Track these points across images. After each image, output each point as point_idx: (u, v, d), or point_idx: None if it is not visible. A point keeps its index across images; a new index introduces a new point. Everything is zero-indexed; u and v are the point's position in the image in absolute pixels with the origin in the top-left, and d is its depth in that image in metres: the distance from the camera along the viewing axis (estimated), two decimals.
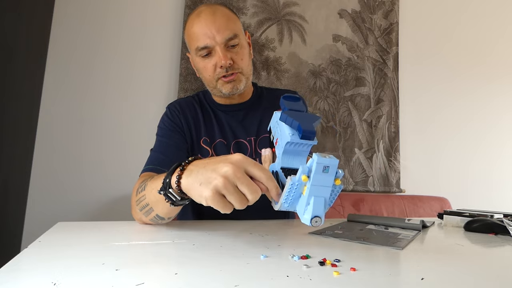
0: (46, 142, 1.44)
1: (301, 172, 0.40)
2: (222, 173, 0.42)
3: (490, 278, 0.35)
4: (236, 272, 0.34)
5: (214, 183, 0.42)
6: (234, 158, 0.43)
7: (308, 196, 0.40)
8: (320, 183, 0.40)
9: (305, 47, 1.85)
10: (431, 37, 2.14)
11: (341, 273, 0.34)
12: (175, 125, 0.82)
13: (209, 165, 0.44)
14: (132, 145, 1.54)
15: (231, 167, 0.42)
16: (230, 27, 0.74)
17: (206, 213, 0.83)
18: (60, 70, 1.49)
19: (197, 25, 0.74)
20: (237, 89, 0.78)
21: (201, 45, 0.73)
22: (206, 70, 0.77)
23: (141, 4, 1.63)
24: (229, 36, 0.73)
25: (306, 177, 0.40)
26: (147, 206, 0.59)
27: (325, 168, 0.39)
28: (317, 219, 0.39)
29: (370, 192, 1.88)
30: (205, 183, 0.43)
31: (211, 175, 0.43)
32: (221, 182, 0.41)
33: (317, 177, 0.39)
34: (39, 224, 1.37)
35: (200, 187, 0.43)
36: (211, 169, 0.43)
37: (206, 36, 0.73)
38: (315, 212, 0.39)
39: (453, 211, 0.81)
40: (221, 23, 0.73)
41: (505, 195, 2.15)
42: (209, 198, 0.42)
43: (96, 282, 0.30)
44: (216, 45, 0.73)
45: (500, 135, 2.20)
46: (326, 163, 0.39)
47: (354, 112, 1.91)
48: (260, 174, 0.43)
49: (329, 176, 0.40)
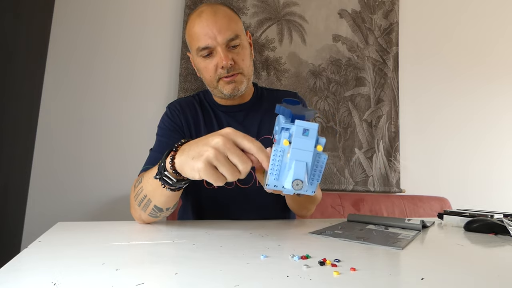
0: (46, 142, 1.44)
1: (282, 138, 0.41)
2: (212, 144, 0.43)
3: (490, 278, 0.35)
4: (236, 272, 0.34)
5: (205, 154, 0.43)
6: (224, 131, 0.45)
7: (289, 160, 0.40)
8: (301, 147, 0.40)
9: (305, 47, 1.85)
10: (431, 37, 2.14)
11: (341, 273, 0.34)
12: (175, 125, 0.82)
13: (201, 141, 0.46)
14: (132, 145, 1.54)
15: (221, 139, 0.43)
16: (232, 28, 0.74)
17: (206, 213, 0.83)
18: (60, 70, 1.49)
19: (198, 25, 0.73)
20: (238, 90, 0.78)
21: (202, 45, 0.73)
22: (207, 71, 0.77)
23: (141, 4, 1.63)
24: (230, 37, 0.73)
25: (287, 141, 0.41)
26: (145, 198, 0.59)
27: (305, 131, 0.40)
28: (298, 182, 0.39)
29: (370, 192, 1.88)
30: (197, 156, 0.44)
31: (202, 148, 0.44)
32: (212, 153, 0.43)
33: (297, 140, 0.40)
34: (39, 224, 1.37)
35: (192, 161, 0.45)
36: (202, 143, 0.45)
37: (207, 36, 0.72)
38: (296, 175, 0.40)
39: (453, 211, 0.81)
40: (222, 23, 0.72)
41: (505, 195, 2.15)
42: (202, 170, 0.43)
43: (96, 282, 0.30)
44: (217, 45, 0.73)
45: (500, 135, 2.20)
46: (306, 126, 0.40)
47: (354, 112, 1.91)
48: (250, 145, 0.44)
49: (310, 140, 0.40)
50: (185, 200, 0.87)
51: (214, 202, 0.81)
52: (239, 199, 0.81)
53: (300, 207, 0.80)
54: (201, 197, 0.82)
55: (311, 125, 0.40)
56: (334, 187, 1.82)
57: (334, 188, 1.82)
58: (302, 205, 0.78)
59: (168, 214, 0.63)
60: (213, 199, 0.81)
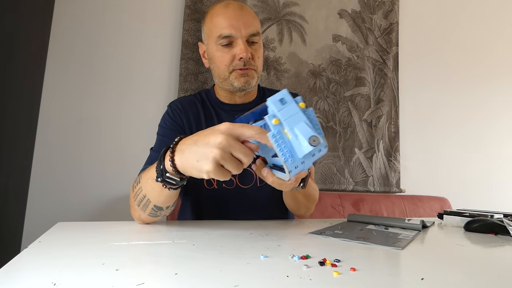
0: (46, 142, 1.44)
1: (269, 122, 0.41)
2: (216, 144, 0.43)
3: (490, 278, 0.35)
4: (236, 272, 0.34)
5: (211, 156, 0.43)
6: (222, 128, 0.45)
7: (290, 132, 0.40)
8: (289, 114, 0.41)
9: (305, 47, 1.85)
10: (431, 37, 2.14)
11: (341, 273, 0.34)
12: (176, 124, 0.82)
13: (200, 140, 0.46)
14: (132, 145, 1.54)
15: (223, 137, 0.43)
16: (255, 25, 0.77)
17: (206, 213, 0.83)
18: (60, 70, 1.49)
19: (224, 14, 0.75)
20: (249, 84, 0.79)
21: (225, 34, 0.74)
22: (222, 60, 0.77)
23: (141, 4, 1.63)
24: (253, 32, 0.76)
25: (276, 120, 0.41)
26: (144, 198, 0.59)
27: (281, 100, 0.41)
28: (313, 138, 0.39)
29: (370, 192, 1.88)
30: (202, 158, 0.44)
31: (206, 150, 0.44)
32: (218, 153, 0.43)
33: (281, 112, 0.40)
34: (39, 224, 1.37)
35: (198, 163, 0.45)
36: (203, 143, 0.45)
37: (232, 26, 0.74)
38: (306, 135, 0.39)
39: (453, 211, 0.81)
40: (248, 18, 0.76)
41: (505, 195, 2.15)
42: (211, 172, 0.44)
43: (96, 282, 0.30)
44: (239, 37, 0.75)
45: (500, 134, 2.20)
46: (278, 96, 0.41)
47: (354, 112, 1.91)
48: (251, 133, 0.44)
49: (290, 104, 0.41)
50: (185, 201, 0.86)
51: (214, 202, 0.81)
52: (239, 199, 0.80)
53: (299, 206, 0.80)
54: (201, 197, 0.82)
55: (281, 93, 0.42)
56: (334, 187, 1.82)
57: (334, 188, 1.82)
58: (301, 202, 0.78)
59: (168, 212, 0.63)
60: (213, 199, 0.81)
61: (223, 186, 0.80)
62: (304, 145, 0.40)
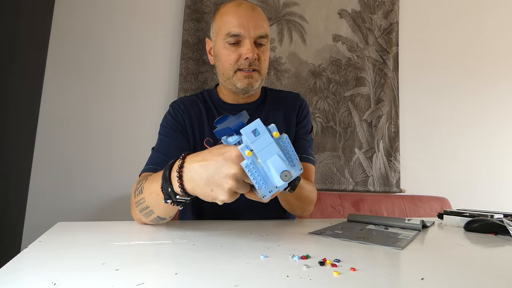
0: (46, 142, 1.44)
1: (242, 152, 0.42)
2: (231, 176, 0.44)
3: (490, 278, 0.35)
4: (236, 272, 0.34)
5: (227, 187, 0.45)
6: (232, 156, 0.44)
7: (263, 163, 0.41)
8: (262, 146, 0.41)
9: (305, 47, 1.85)
10: (431, 37, 2.14)
11: (341, 273, 0.34)
12: (178, 124, 0.82)
13: (210, 169, 0.46)
14: (132, 145, 1.54)
15: (237, 169, 0.44)
16: (265, 27, 0.78)
17: (206, 213, 0.83)
18: (60, 70, 1.49)
19: (236, 13, 0.76)
20: (252, 87, 0.79)
21: (234, 32, 0.75)
22: (228, 59, 0.77)
23: (141, 4, 1.63)
24: (261, 34, 0.76)
25: (249, 152, 0.41)
26: (147, 208, 0.59)
27: (254, 131, 0.41)
28: (285, 173, 0.40)
29: (370, 192, 1.88)
30: (217, 188, 0.46)
31: (220, 180, 0.45)
32: (234, 184, 0.45)
33: (255, 144, 0.41)
34: (39, 224, 1.37)
35: (213, 193, 0.46)
36: (217, 172, 0.45)
37: (242, 26, 0.74)
38: (278, 169, 0.40)
39: (453, 211, 0.81)
40: (258, 20, 0.76)
41: (505, 195, 2.15)
42: (227, 200, 0.46)
43: (96, 282, 0.30)
44: (247, 37, 0.75)
45: (500, 134, 2.20)
46: (251, 128, 0.42)
47: (354, 112, 1.91)
48: None
49: (263, 135, 0.42)
50: None
51: (214, 203, 0.81)
52: (239, 199, 0.80)
53: (293, 207, 0.79)
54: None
55: (254, 124, 0.42)
56: (334, 187, 1.82)
57: (334, 188, 1.82)
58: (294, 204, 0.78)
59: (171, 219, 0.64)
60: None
61: None
62: (276, 180, 0.41)
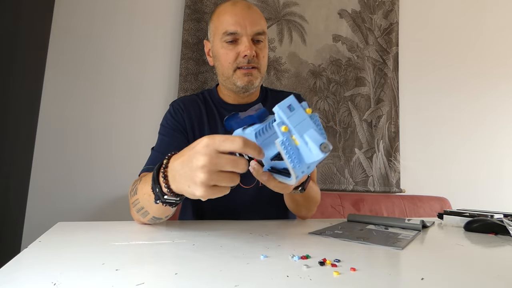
0: (46, 142, 1.44)
1: (278, 129, 0.40)
2: (199, 168, 0.41)
3: (490, 278, 0.35)
4: (236, 272, 0.34)
5: (198, 181, 0.41)
6: (201, 145, 0.42)
7: (300, 138, 0.40)
8: (298, 121, 0.40)
9: (305, 47, 1.85)
10: (431, 37, 2.14)
11: (341, 273, 0.34)
12: (178, 124, 0.82)
13: (184, 164, 0.43)
14: (132, 145, 1.54)
15: (205, 159, 0.41)
16: (262, 24, 0.78)
17: (206, 213, 0.83)
18: (60, 70, 1.49)
19: (232, 12, 0.76)
20: (252, 84, 0.79)
21: (231, 30, 0.75)
22: (227, 57, 0.77)
23: (141, 4, 1.63)
24: (258, 31, 0.76)
25: (285, 127, 0.40)
26: (142, 209, 0.59)
27: (289, 107, 0.40)
28: (325, 145, 0.39)
29: (370, 192, 1.88)
30: (191, 183, 0.42)
31: (191, 174, 0.42)
32: (204, 177, 0.41)
33: (291, 119, 0.40)
34: (39, 224, 1.37)
35: (190, 189, 0.43)
36: (188, 167, 0.43)
37: (238, 24, 0.75)
38: (317, 142, 0.39)
39: (453, 211, 0.81)
40: (255, 17, 0.77)
41: (505, 195, 2.15)
42: (204, 195, 0.43)
43: (96, 282, 0.30)
44: (244, 35, 0.75)
45: (500, 134, 2.20)
46: (287, 103, 0.40)
47: (354, 112, 1.91)
48: (233, 147, 0.41)
49: (298, 110, 0.41)
50: (185, 201, 0.86)
51: (214, 202, 0.81)
52: (240, 199, 0.80)
53: (299, 208, 0.80)
54: None
55: (289, 99, 0.41)
56: (334, 187, 1.82)
57: (334, 188, 1.82)
58: (302, 204, 0.78)
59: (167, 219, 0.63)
60: (213, 199, 0.81)
61: None
62: (315, 152, 0.39)
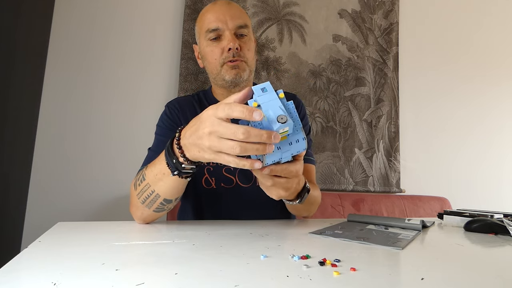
0: (46, 142, 1.44)
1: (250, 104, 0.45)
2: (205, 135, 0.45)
3: (490, 278, 0.35)
4: (236, 272, 0.34)
5: (204, 147, 0.45)
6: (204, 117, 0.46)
7: (265, 113, 0.44)
8: (267, 100, 0.45)
9: (305, 47, 1.85)
10: (431, 37, 2.14)
11: (341, 273, 0.34)
12: (173, 124, 0.82)
13: (193, 133, 0.48)
14: (132, 145, 1.54)
15: (206, 127, 0.44)
16: (243, 17, 0.79)
17: (206, 213, 0.83)
18: (60, 70, 1.49)
19: (211, 10, 0.78)
20: (240, 77, 0.79)
21: (212, 27, 0.76)
22: (213, 54, 0.78)
23: (141, 4, 1.63)
24: (240, 24, 0.77)
25: (255, 103, 0.45)
26: (152, 194, 0.59)
27: (263, 89, 0.45)
28: (281, 116, 0.43)
29: (370, 192, 1.88)
30: (200, 149, 0.47)
31: (198, 142, 0.46)
32: (208, 143, 0.44)
33: (261, 97, 0.45)
34: (39, 224, 1.37)
35: (200, 154, 0.48)
36: (195, 136, 0.47)
37: (219, 20, 0.76)
38: (275, 114, 0.43)
39: (453, 211, 0.81)
40: (235, 12, 0.78)
41: (504, 195, 2.15)
42: (212, 159, 0.46)
43: (96, 282, 0.30)
44: (227, 29, 0.76)
45: (500, 134, 2.20)
46: (261, 86, 0.46)
47: (354, 112, 1.91)
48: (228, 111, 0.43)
49: (270, 93, 0.45)
50: (185, 201, 0.86)
51: (214, 202, 0.81)
52: (239, 198, 0.80)
53: (300, 212, 0.79)
54: (201, 197, 0.81)
55: (264, 84, 0.46)
56: (334, 187, 1.82)
57: (334, 188, 1.82)
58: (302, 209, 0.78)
59: (174, 205, 0.64)
60: (213, 198, 0.81)
61: (222, 186, 0.80)
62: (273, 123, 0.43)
